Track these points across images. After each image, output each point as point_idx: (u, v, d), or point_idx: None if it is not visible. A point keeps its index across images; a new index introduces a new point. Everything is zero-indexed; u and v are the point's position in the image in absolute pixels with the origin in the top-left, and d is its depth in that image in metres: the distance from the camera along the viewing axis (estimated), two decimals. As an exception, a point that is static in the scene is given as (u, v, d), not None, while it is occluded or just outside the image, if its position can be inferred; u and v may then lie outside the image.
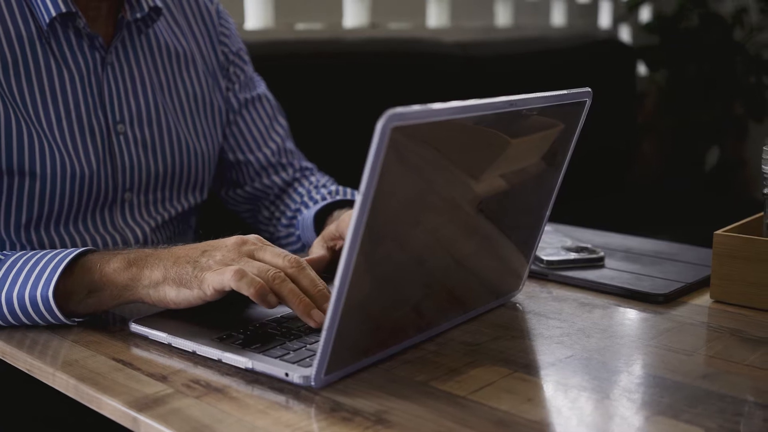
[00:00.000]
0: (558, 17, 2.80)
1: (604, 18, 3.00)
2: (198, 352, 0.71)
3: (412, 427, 0.59)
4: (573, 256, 0.98)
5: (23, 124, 0.93)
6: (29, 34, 0.94)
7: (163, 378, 0.67)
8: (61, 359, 0.72)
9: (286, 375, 0.65)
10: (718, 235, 0.87)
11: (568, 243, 1.03)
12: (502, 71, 2.20)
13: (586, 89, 0.77)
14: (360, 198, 0.57)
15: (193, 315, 0.77)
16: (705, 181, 3.03)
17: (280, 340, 0.72)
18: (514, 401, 0.63)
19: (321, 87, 1.73)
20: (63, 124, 0.96)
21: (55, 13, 0.93)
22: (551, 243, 1.03)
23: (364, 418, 0.60)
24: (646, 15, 3.12)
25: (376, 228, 0.59)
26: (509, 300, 0.87)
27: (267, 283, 0.72)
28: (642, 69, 3.02)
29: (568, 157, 0.81)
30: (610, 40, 2.79)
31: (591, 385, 0.66)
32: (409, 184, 0.61)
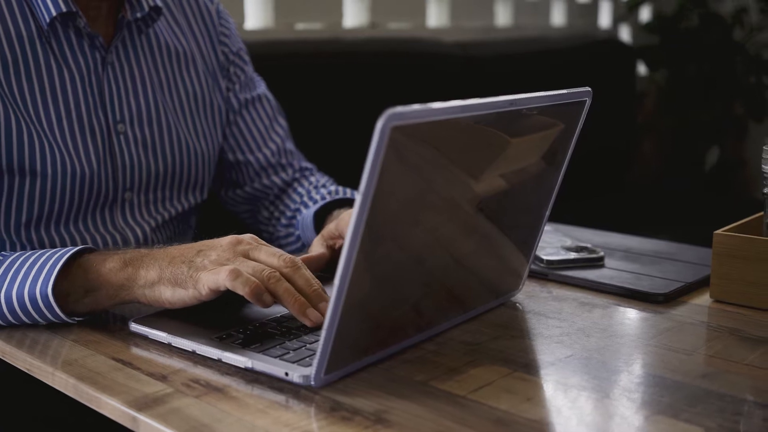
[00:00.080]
0: (558, 17, 2.80)
1: (604, 18, 3.00)
2: (198, 352, 0.71)
3: (411, 427, 0.59)
4: (573, 255, 0.98)
5: (23, 123, 0.93)
6: (29, 33, 0.94)
7: (162, 377, 0.67)
8: (61, 359, 0.72)
9: (286, 374, 0.65)
10: (718, 234, 0.87)
11: (568, 242, 1.03)
12: (502, 71, 2.20)
13: (586, 89, 0.77)
14: (360, 197, 0.57)
15: (193, 314, 0.77)
16: (705, 181, 3.03)
17: (279, 339, 0.72)
18: (513, 401, 0.63)
19: (321, 87, 1.73)
20: (63, 124, 0.96)
21: (56, 12, 0.93)
22: (551, 242, 1.03)
23: (364, 418, 0.60)
24: (646, 15, 3.12)
25: (375, 227, 0.59)
26: (509, 299, 0.87)
27: (262, 283, 0.72)
28: (642, 69, 3.02)
29: (567, 156, 0.81)
30: (610, 40, 2.79)
31: (591, 385, 0.66)
32: (409, 183, 0.62)
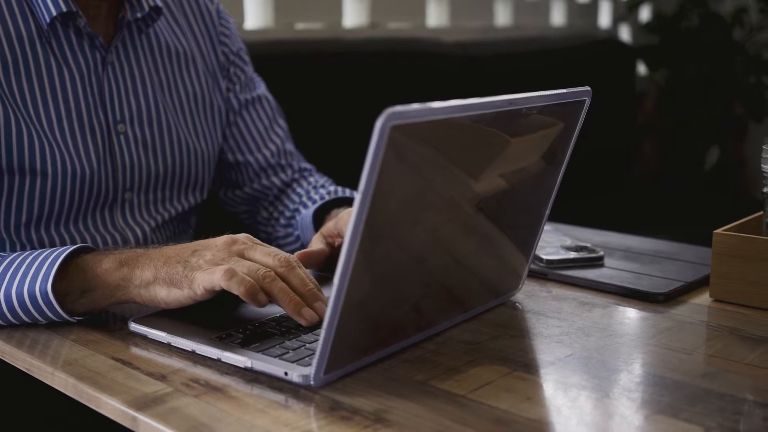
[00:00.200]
0: (558, 17, 2.80)
1: (604, 18, 3.00)
2: (197, 351, 0.71)
3: (411, 426, 0.59)
4: (572, 255, 0.98)
5: (23, 123, 0.93)
6: (29, 33, 0.94)
7: (162, 377, 0.67)
8: (61, 359, 0.72)
9: (286, 374, 0.65)
10: (718, 234, 0.87)
11: (568, 242, 1.03)
12: (502, 71, 2.20)
13: (586, 88, 0.77)
14: (359, 197, 0.57)
15: (192, 314, 0.77)
16: (705, 181, 3.03)
17: (279, 339, 0.72)
18: (513, 400, 0.63)
19: (320, 87, 1.73)
20: (63, 124, 0.96)
21: (56, 12, 0.93)
22: (551, 242, 1.03)
23: (364, 417, 0.60)
24: (646, 15, 3.12)
25: (375, 227, 0.59)
26: (509, 299, 0.87)
27: (257, 282, 0.72)
28: (642, 69, 3.02)
29: (567, 156, 0.81)
30: (610, 39, 2.78)
31: (590, 384, 0.66)
32: (409, 182, 0.61)
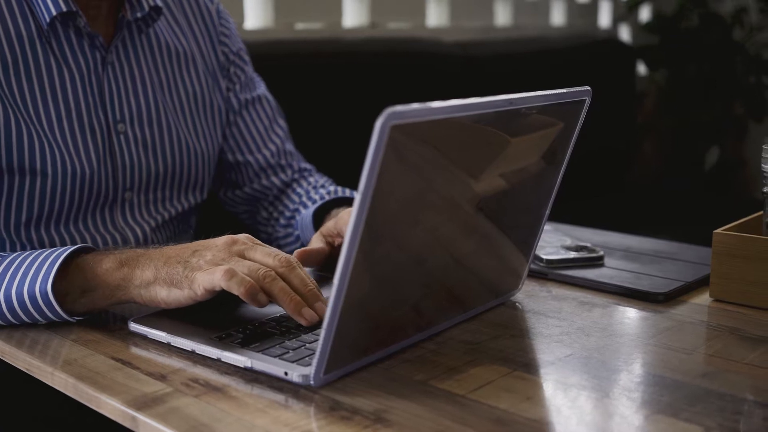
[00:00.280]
0: (558, 17, 2.80)
1: (604, 18, 2.99)
2: (197, 351, 0.71)
3: (411, 426, 0.58)
4: (572, 255, 0.98)
5: (23, 123, 0.93)
6: (29, 33, 0.94)
7: (162, 377, 0.67)
8: (61, 359, 0.72)
9: (286, 374, 0.65)
10: (718, 233, 0.87)
11: (568, 242, 1.03)
12: (502, 71, 2.20)
13: (586, 88, 0.77)
14: (359, 197, 0.57)
15: (192, 314, 0.77)
16: (705, 181, 3.03)
17: (279, 339, 0.72)
18: (513, 400, 0.63)
19: (320, 87, 1.73)
20: (63, 124, 0.96)
21: (56, 12, 0.93)
22: (551, 242, 1.03)
23: (364, 417, 0.60)
24: (645, 15, 3.12)
25: (375, 227, 0.59)
26: (509, 299, 0.87)
27: (257, 282, 0.72)
28: (642, 69, 3.02)
29: (567, 156, 0.81)
30: (610, 39, 2.78)
31: (590, 384, 0.66)
32: (408, 182, 0.61)
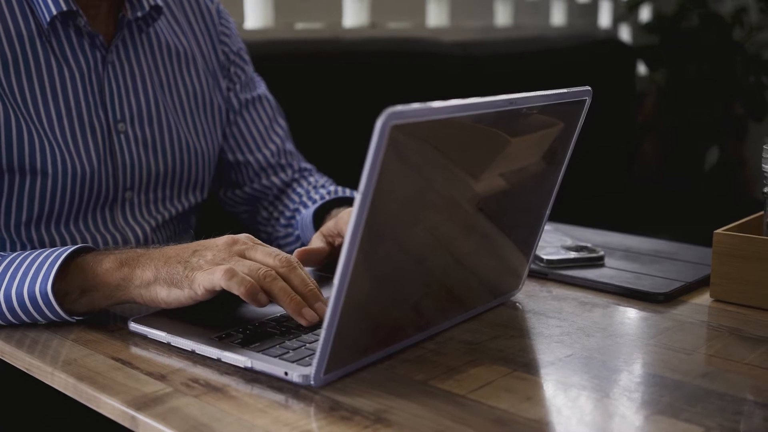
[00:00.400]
0: (558, 17, 2.80)
1: (604, 18, 2.99)
2: (197, 351, 0.71)
3: (411, 426, 0.58)
4: (573, 255, 0.98)
5: (23, 122, 0.93)
6: (29, 32, 0.94)
7: (162, 377, 0.67)
8: (60, 359, 0.72)
9: (286, 374, 0.65)
10: (718, 234, 0.87)
11: (568, 242, 1.03)
12: (502, 71, 2.20)
13: (586, 88, 0.77)
14: (359, 196, 0.57)
15: (192, 314, 0.77)
16: (705, 181, 3.03)
17: (279, 339, 0.72)
18: (513, 400, 0.63)
19: (320, 86, 1.73)
20: (63, 123, 0.96)
21: (56, 11, 0.93)
22: (551, 242, 1.03)
23: (364, 417, 0.60)
24: (646, 15, 3.12)
25: (375, 226, 0.59)
26: (509, 299, 0.87)
27: (258, 282, 0.72)
28: (642, 69, 3.01)
29: (567, 156, 0.81)
30: (610, 39, 2.78)
31: (591, 384, 0.66)
32: (409, 182, 0.61)
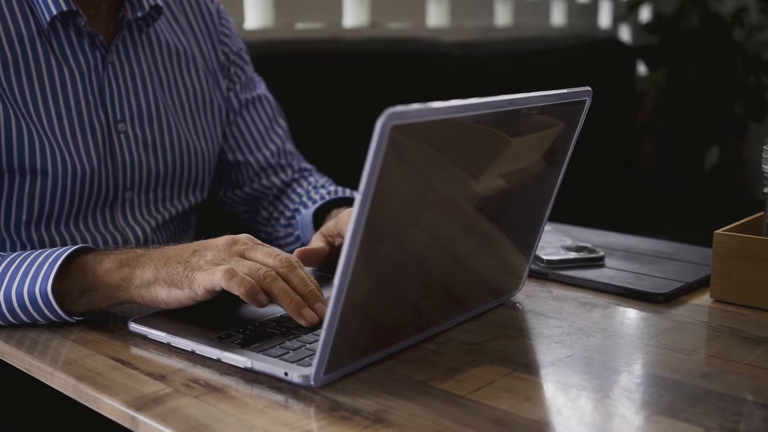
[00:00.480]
0: (558, 17, 2.80)
1: (604, 18, 2.99)
2: (197, 352, 0.71)
3: (411, 427, 0.58)
4: (573, 255, 0.97)
5: (23, 122, 0.93)
6: (29, 32, 0.94)
7: (162, 377, 0.67)
8: (60, 359, 0.72)
9: (286, 374, 0.65)
10: (718, 234, 0.87)
11: (568, 242, 1.03)
12: (502, 71, 2.20)
13: (586, 88, 0.77)
14: (359, 197, 0.57)
15: (192, 314, 0.77)
16: (705, 181, 3.03)
17: (279, 339, 0.72)
18: (513, 400, 0.63)
19: (320, 86, 1.73)
20: (63, 123, 0.96)
21: (56, 11, 0.93)
22: (551, 242, 1.03)
23: (364, 418, 0.60)
24: (646, 15, 3.12)
25: (375, 227, 0.59)
26: (509, 299, 0.87)
27: (258, 282, 0.72)
28: (642, 69, 3.02)
29: (568, 156, 0.81)
30: (610, 39, 2.78)
31: (591, 385, 0.66)
32: (409, 182, 0.61)
